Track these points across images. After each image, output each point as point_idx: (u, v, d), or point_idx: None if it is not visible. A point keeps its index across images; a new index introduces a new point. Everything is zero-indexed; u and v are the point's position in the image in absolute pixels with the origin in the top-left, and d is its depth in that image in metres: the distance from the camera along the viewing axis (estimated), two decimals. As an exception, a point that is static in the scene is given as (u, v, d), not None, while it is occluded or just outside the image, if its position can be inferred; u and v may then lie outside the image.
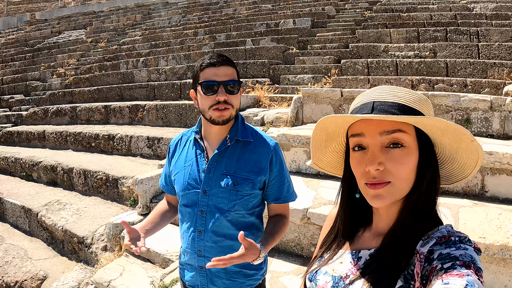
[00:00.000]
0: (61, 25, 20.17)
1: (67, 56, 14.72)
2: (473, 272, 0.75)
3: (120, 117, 9.29)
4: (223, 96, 1.64)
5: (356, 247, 1.04)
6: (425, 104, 0.95)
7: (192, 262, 1.80)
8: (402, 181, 0.90)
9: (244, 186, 1.72)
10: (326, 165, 1.17)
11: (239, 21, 13.12)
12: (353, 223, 1.08)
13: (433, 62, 7.36)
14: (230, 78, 1.68)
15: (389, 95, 0.94)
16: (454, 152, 0.95)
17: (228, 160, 1.75)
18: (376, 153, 0.90)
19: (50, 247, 5.39)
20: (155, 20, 16.87)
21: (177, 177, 1.83)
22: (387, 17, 10.50)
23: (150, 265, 4.04)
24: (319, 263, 1.09)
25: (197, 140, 1.82)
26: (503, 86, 6.07)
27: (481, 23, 8.91)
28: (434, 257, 0.81)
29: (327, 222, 1.23)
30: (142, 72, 10.94)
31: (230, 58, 1.75)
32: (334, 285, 0.99)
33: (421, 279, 0.81)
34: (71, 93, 11.19)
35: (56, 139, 8.82)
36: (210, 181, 1.73)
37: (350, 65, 8.17)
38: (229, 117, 1.70)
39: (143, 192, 4.92)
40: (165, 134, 7.21)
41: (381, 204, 0.92)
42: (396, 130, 0.89)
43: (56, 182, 7.00)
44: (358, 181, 0.97)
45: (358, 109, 0.97)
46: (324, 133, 1.06)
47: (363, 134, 0.93)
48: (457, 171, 0.99)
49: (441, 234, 0.86)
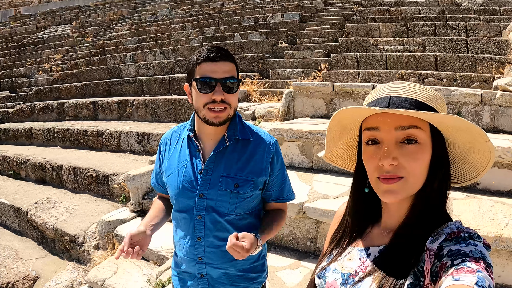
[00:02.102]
0: (47, 20, 19.82)
1: (53, 51, 14.48)
2: (483, 268, 0.75)
3: (108, 113, 9.20)
4: (220, 96, 1.51)
5: (365, 244, 1.04)
6: (440, 101, 0.94)
7: (191, 270, 1.69)
8: (415, 177, 0.90)
9: (245, 188, 1.61)
10: (336, 158, 1.16)
11: (227, 15, 13.04)
12: (362, 218, 1.08)
13: (422, 56, 7.40)
14: (229, 75, 1.53)
15: (405, 90, 0.93)
16: (467, 151, 0.95)
17: (227, 161, 1.63)
18: (391, 148, 0.90)
19: (41, 246, 5.32)
20: (142, 15, 16.67)
21: (170, 179, 1.69)
22: (376, 11, 10.53)
23: (145, 263, 4.00)
24: (328, 260, 1.08)
25: (191, 138, 1.68)
26: (492, 80, 6.13)
27: (469, 18, 8.98)
28: (444, 254, 0.81)
29: (335, 219, 1.23)
30: (130, 67, 10.82)
31: (230, 52, 1.60)
32: (343, 282, 0.99)
33: (431, 275, 0.81)
34: (58, 89, 11.05)
35: (43, 136, 8.69)
36: (208, 184, 1.61)
37: (340, 59, 8.17)
38: (226, 118, 1.57)
39: (135, 188, 4.87)
40: (154, 129, 7.16)
41: (393, 199, 0.91)
42: (412, 126, 0.89)
43: (45, 180, 6.90)
44: (369, 176, 0.96)
45: (374, 103, 0.96)
46: (339, 125, 1.05)
47: (378, 128, 0.92)
48: (467, 171, 0.99)
49: (451, 231, 0.86)
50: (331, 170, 4.75)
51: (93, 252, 4.56)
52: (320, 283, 1.07)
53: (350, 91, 6.08)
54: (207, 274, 1.68)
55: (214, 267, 1.67)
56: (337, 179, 4.40)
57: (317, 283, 1.08)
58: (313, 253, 3.75)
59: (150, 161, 5.78)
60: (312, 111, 6.43)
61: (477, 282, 0.71)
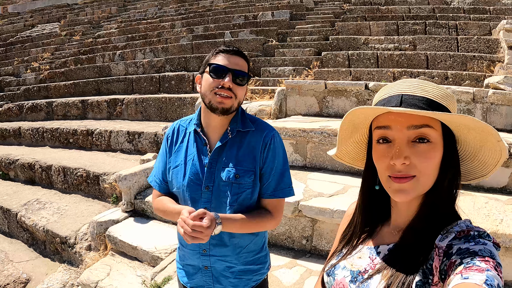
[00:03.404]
0: (34, 18, 19.56)
1: (41, 50, 14.30)
2: (492, 267, 0.75)
3: (98, 112, 9.11)
4: (229, 83, 1.58)
5: (375, 242, 1.04)
6: (451, 100, 0.94)
7: (195, 262, 1.73)
8: (427, 176, 0.90)
9: (246, 178, 1.64)
10: (345, 155, 1.16)
11: (216, 13, 12.99)
12: (371, 216, 1.08)
13: (413, 54, 7.43)
14: (240, 69, 1.63)
15: (417, 89, 0.92)
16: (477, 150, 0.95)
17: (229, 153, 1.67)
18: (403, 147, 0.89)
19: (31, 248, 5.23)
20: (130, 13, 16.53)
21: (176, 172, 1.72)
22: (366, 9, 10.56)
23: (138, 264, 3.95)
24: (338, 258, 1.09)
25: (197, 132, 1.72)
26: (483, 78, 6.17)
27: (459, 16, 9.06)
28: (453, 252, 0.81)
29: (345, 218, 1.23)
30: (119, 66, 10.72)
31: (243, 53, 1.70)
32: (352, 280, 0.99)
33: (440, 273, 0.81)
34: (47, 88, 10.92)
35: (32, 136, 8.57)
36: (213, 176, 1.65)
37: (331, 57, 8.17)
38: (230, 107, 1.62)
39: (127, 188, 4.81)
40: (145, 128, 7.10)
41: (404, 198, 0.91)
42: (424, 125, 0.88)
43: (34, 181, 6.79)
44: (380, 174, 0.96)
45: (385, 101, 0.95)
46: (351, 124, 1.04)
47: (390, 127, 0.91)
48: (476, 168, 0.99)
49: (460, 229, 0.86)
50: (325, 168, 4.74)
51: (85, 254, 4.49)
52: (329, 280, 1.07)
53: (343, 89, 6.08)
54: (211, 266, 1.71)
55: (218, 259, 1.70)
56: (332, 177, 4.40)
57: (326, 281, 1.09)
58: (308, 251, 3.74)
59: (141, 160, 5.72)
60: (305, 109, 6.42)
61: (486, 281, 0.71)
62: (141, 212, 4.80)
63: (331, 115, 6.23)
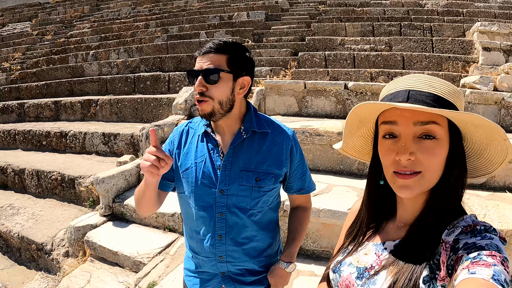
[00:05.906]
0: (5, 17, 18.98)
1: (12, 49, 13.90)
2: (499, 262, 0.75)
3: (71, 113, 8.87)
4: (199, 87, 1.44)
5: (381, 238, 1.05)
6: (458, 96, 0.94)
7: (210, 269, 1.65)
8: (432, 173, 0.90)
9: (266, 182, 1.56)
10: (351, 149, 1.16)
11: (191, 13, 12.89)
12: (377, 212, 1.09)
13: (389, 55, 7.54)
14: (211, 66, 1.44)
15: (424, 84, 0.92)
16: (483, 148, 0.95)
17: (246, 154, 1.57)
18: (408, 143, 0.90)
19: (6, 256, 5.03)
20: (104, 12, 16.23)
21: (186, 175, 1.60)
22: (341, 11, 10.68)
23: (119, 269, 3.84)
24: (344, 254, 1.09)
25: (208, 133, 1.61)
26: (459, 78, 6.31)
27: (433, 18, 9.26)
28: (460, 247, 0.81)
29: (350, 214, 1.24)
30: (92, 66, 10.48)
31: (229, 44, 1.49)
32: (358, 276, 1.00)
33: (447, 268, 0.81)
34: (18, 89, 10.59)
35: (3, 138, 8.26)
36: (228, 179, 1.55)
37: (308, 57, 8.21)
38: (210, 111, 1.48)
39: (105, 191, 4.69)
40: (121, 129, 6.95)
41: (408, 194, 0.91)
42: (430, 122, 0.89)
43: (7, 185, 6.55)
44: (385, 169, 0.96)
45: (391, 96, 0.95)
46: (357, 119, 1.04)
47: (396, 122, 0.92)
48: (482, 166, 1.00)
49: (466, 224, 0.87)
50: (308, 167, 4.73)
51: (63, 261, 4.34)
52: (334, 277, 1.08)
53: (322, 89, 6.11)
54: (228, 271, 1.65)
55: (235, 265, 1.64)
56: (315, 177, 4.27)
57: (332, 277, 1.09)
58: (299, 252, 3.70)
59: (118, 163, 5.59)
60: (284, 109, 6.42)
61: (493, 276, 0.72)
62: (120, 216, 4.68)
63: (310, 115, 6.24)
